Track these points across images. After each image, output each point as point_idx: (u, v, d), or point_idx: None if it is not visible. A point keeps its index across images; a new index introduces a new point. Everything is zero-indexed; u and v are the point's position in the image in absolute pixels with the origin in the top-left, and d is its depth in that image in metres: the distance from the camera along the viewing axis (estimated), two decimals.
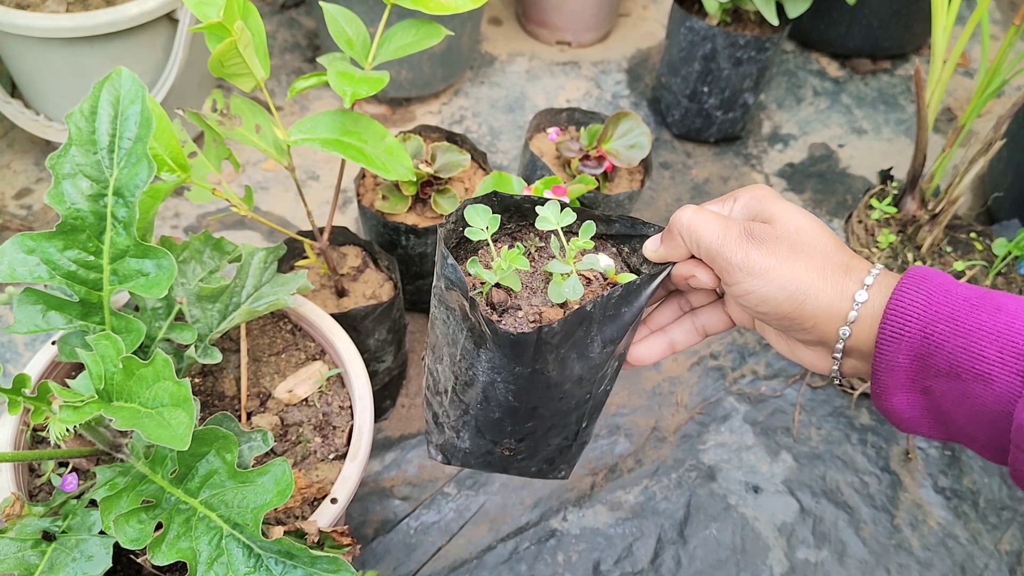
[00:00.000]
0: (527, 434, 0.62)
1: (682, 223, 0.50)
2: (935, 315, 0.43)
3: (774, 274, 0.46)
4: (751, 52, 1.27)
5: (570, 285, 0.55)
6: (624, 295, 0.52)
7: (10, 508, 0.58)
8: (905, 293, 0.44)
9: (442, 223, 0.56)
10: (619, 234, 0.59)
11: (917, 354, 0.43)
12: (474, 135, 1.41)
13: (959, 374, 0.42)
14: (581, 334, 0.53)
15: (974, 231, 1.03)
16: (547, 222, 0.56)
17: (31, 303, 0.59)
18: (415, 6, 0.75)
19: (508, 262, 0.54)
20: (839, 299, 0.46)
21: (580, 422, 0.63)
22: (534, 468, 0.67)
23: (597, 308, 0.52)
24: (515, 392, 0.57)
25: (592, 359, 0.56)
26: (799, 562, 0.95)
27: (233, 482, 0.55)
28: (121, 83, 0.57)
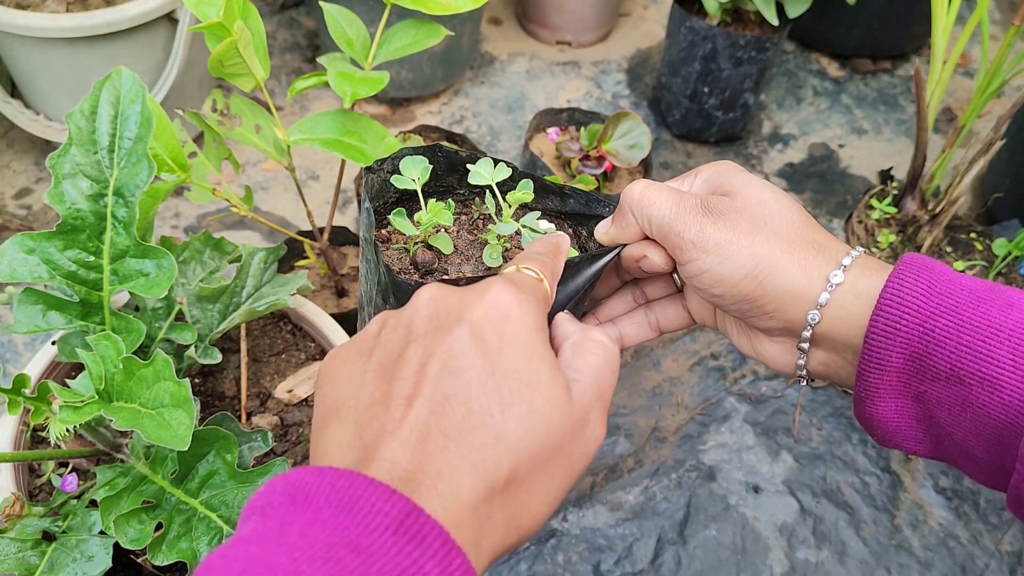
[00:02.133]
0: None
1: (633, 198, 0.44)
2: (936, 308, 0.37)
3: (731, 249, 0.40)
4: (751, 52, 1.27)
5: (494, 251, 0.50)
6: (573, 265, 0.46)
7: (10, 508, 0.58)
8: (903, 281, 0.38)
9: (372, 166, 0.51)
10: (575, 213, 0.54)
11: (914, 353, 0.37)
12: (474, 135, 1.41)
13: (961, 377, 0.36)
14: None
15: (974, 231, 1.03)
16: (479, 176, 0.51)
17: (31, 303, 0.59)
18: (415, 6, 0.75)
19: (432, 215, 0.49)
20: (807, 279, 0.40)
21: None
22: None
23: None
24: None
25: None
26: (799, 562, 0.95)
27: (233, 482, 0.55)
28: (121, 83, 0.57)
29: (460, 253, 0.52)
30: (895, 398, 0.39)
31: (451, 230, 0.54)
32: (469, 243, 0.52)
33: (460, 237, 0.53)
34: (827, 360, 0.42)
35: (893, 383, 0.38)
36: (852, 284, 0.39)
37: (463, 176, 0.52)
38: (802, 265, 0.40)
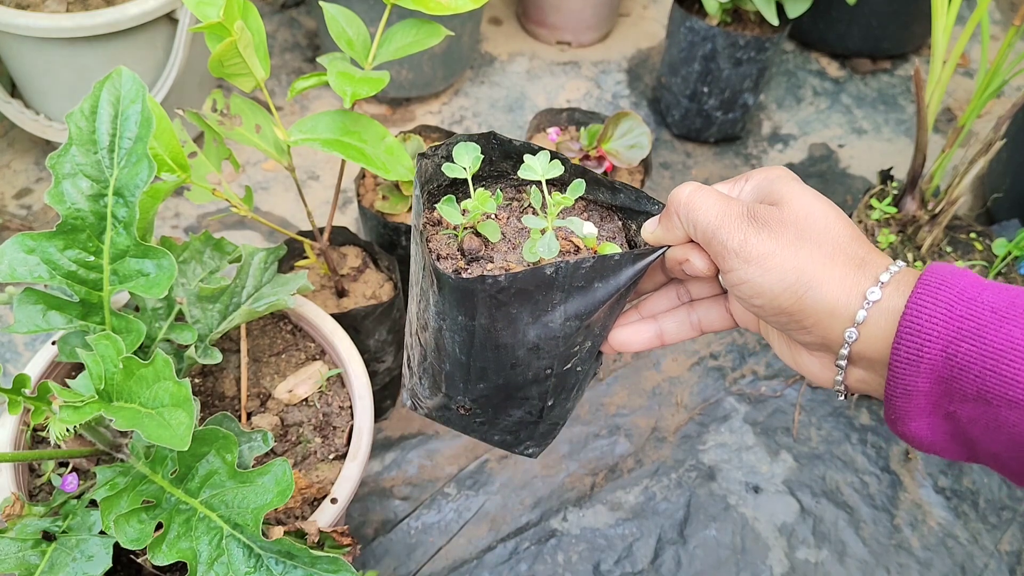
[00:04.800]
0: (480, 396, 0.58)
1: (679, 201, 0.44)
2: (958, 331, 0.36)
3: (773, 262, 0.40)
4: (751, 52, 1.27)
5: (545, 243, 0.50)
6: (598, 268, 0.47)
7: (10, 508, 0.58)
8: (922, 305, 0.37)
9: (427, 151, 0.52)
10: (625, 207, 0.54)
11: (939, 377, 0.37)
12: None
13: (988, 400, 0.36)
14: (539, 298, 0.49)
15: (974, 231, 1.03)
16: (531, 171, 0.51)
17: (31, 303, 0.59)
18: (415, 6, 0.75)
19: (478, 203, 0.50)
20: (847, 296, 0.39)
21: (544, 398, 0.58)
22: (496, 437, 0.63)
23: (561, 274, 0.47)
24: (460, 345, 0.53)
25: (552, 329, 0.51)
26: (799, 562, 0.95)
27: (233, 482, 0.55)
28: (121, 83, 0.57)
29: (508, 240, 0.52)
30: (926, 417, 0.38)
31: (500, 216, 0.54)
32: (518, 231, 0.52)
33: (509, 224, 0.53)
34: (865, 377, 0.42)
35: (923, 405, 0.38)
36: (888, 302, 0.39)
37: (517, 163, 0.52)
38: (842, 281, 0.39)
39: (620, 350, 0.51)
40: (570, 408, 0.62)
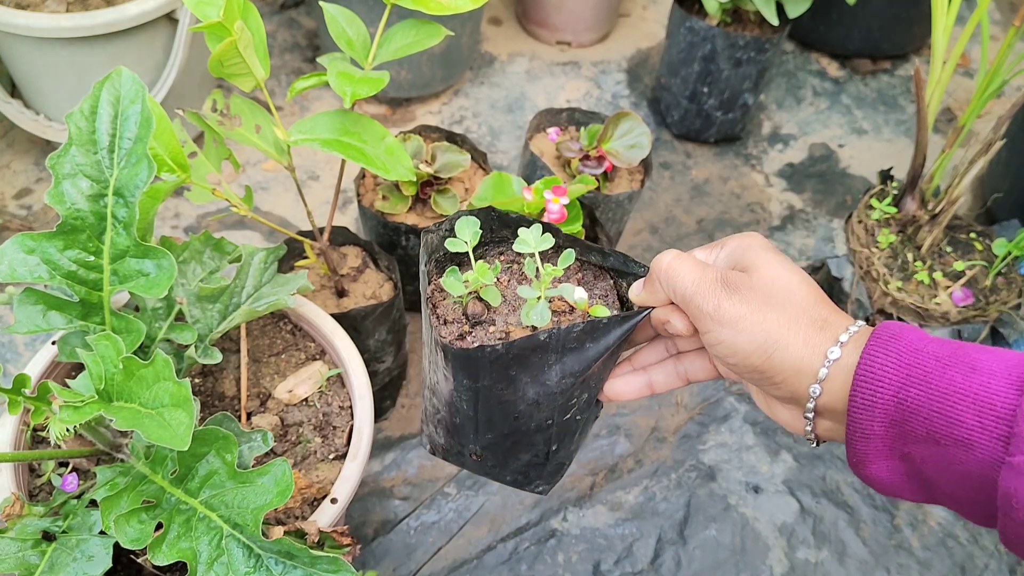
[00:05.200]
0: (489, 444, 0.64)
1: (661, 268, 0.49)
2: (907, 378, 0.40)
3: (744, 325, 0.44)
4: (751, 52, 1.27)
5: (537, 312, 0.55)
6: (588, 330, 0.52)
7: (10, 508, 0.58)
8: (874, 356, 0.41)
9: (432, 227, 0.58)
10: (615, 268, 0.59)
11: (892, 420, 0.41)
12: (474, 135, 1.41)
13: (937, 440, 0.40)
14: (535, 360, 0.54)
15: (974, 231, 1.03)
16: (525, 244, 0.56)
17: (31, 303, 0.59)
18: (415, 6, 0.75)
19: (478, 276, 0.56)
20: (810, 354, 0.44)
21: (548, 444, 0.63)
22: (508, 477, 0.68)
23: (554, 339, 0.53)
24: (467, 401, 0.59)
25: (549, 386, 0.56)
26: (799, 562, 0.95)
27: (233, 482, 0.55)
28: (121, 83, 0.57)
29: (508, 303, 0.58)
30: (885, 459, 0.42)
31: (502, 281, 0.60)
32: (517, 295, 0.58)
33: (510, 286, 0.59)
34: (831, 427, 0.45)
35: (879, 448, 0.42)
36: (846, 359, 0.43)
37: (516, 230, 0.58)
38: (806, 342, 0.44)
39: (613, 400, 0.56)
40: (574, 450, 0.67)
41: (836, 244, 1.30)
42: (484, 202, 0.90)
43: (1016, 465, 0.37)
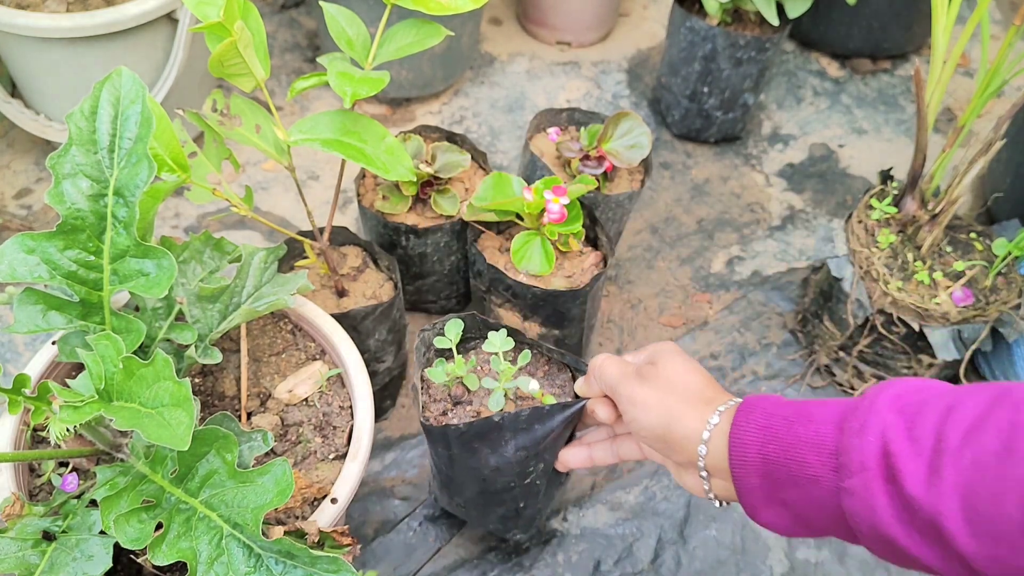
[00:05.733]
0: (467, 500, 0.81)
1: (595, 366, 0.64)
2: (765, 438, 0.51)
3: (651, 404, 0.58)
4: (751, 52, 1.27)
5: (495, 399, 0.72)
6: (535, 415, 0.67)
7: (10, 508, 0.58)
8: (740, 425, 0.52)
9: (427, 327, 0.76)
10: (569, 365, 0.76)
11: (763, 473, 0.51)
12: (474, 135, 1.41)
13: (797, 482, 0.49)
14: (493, 436, 0.69)
15: (974, 231, 1.03)
16: (492, 345, 0.73)
17: (31, 303, 0.59)
18: (415, 6, 0.75)
19: (456, 368, 0.73)
20: (698, 424, 0.55)
21: (516, 502, 0.79)
22: (491, 526, 0.86)
23: (507, 420, 0.67)
24: (445, 465, 0.76)
25: (507, 457, 0.71)
26: (799, 562, 0.95)
27: (233, 482, 0.55)
28: (121, 83, 0.57)
29: (484, 389, 0.74)
30: (768, 507, 0.52)
31: (483, 369, 0.76)
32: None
33: (488, 373, 0.76)
34: (725, 486, 0.56)
35: (761, 498, 0.52)
36: (723, 425, 0.54)
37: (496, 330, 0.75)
38: (696, 415, 0.56)
39: (562, 468, 0.73)
40: (541, 508, 0.84)
41: (836, 244, 1.30)
42: (484, 202, 0.90)
43: (848, 488, 0.47)
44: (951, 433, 0.44)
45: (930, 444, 0.44)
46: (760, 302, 1.21)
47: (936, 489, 0.43)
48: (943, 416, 0.45)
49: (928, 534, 0.44)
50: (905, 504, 0.44)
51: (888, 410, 0.47)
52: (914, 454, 0.44)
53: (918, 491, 0.43)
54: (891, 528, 0.45)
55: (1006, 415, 0.43)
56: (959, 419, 0.44)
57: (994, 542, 0.42)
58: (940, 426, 0.44)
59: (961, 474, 0.42)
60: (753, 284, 1.24)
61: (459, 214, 0.97)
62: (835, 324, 1.07)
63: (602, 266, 0.94)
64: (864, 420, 0.47)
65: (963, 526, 0.42)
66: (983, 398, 0.44)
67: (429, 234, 0.96)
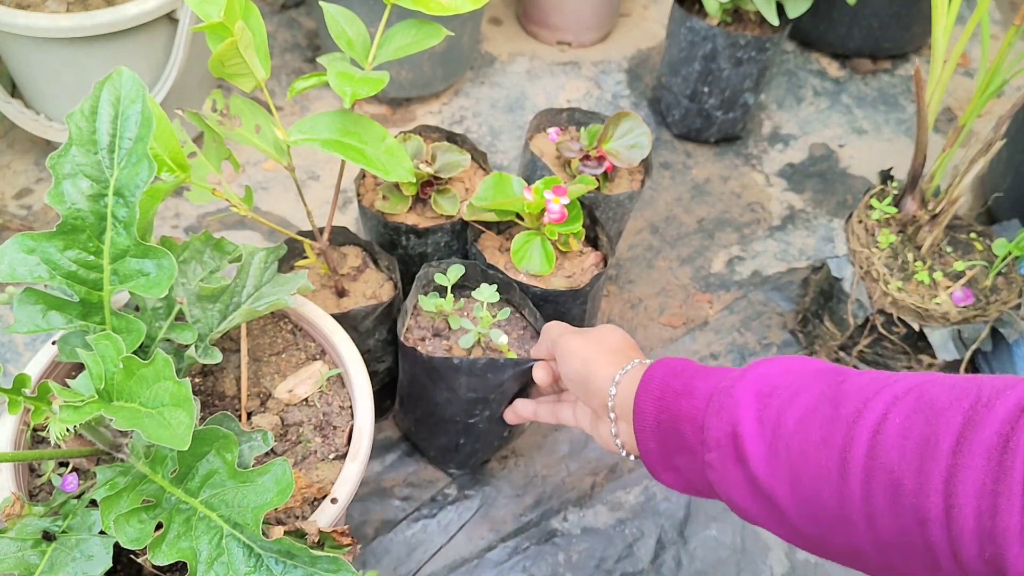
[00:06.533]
0: (417, 420, 0.93)
1: (545, 328, 0.77)
2: (660, 407, 0.55)
3: (577, 352, 0.67)
4: (751, 52, 1.27)
5: (467, 339, 0.83)
6: (489, 365, 0.79)
7: (10, 508, 0.58)
8: (641, 394, 0.57)
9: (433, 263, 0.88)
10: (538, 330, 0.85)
11: (658, 439, 0.56)
12: (474, 135, 1.41)
13: (681, 450, 0.54)
14: (450, 374, 0.80)
15: (974, 231, 1.03)
16: (480, 294, 0.84)
17: (31, 303, 0.59)
18: (415, 6, 0.75)
19: (443, 304, 0.84)
20: (610, 371, 0.63)
21: (458, 436, 0.90)
22: (431, 453, 0.97)
23: (464, 364, 0.79)
24: (407, 381, 0.89)
25: (458, 393, 0.82)
26: (799, 562, 0.95)
27: (233, 482, 0.55)
28: (121, 83, 0.57)
29: (463, 328, 0.86)
30: (665, 471, 0.57)
31: (467, 313, 0.89)
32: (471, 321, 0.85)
33: (470, 317, 0.87)
34: (629, 431, 0.60)
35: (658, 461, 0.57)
36: (634, 374, 0.60)
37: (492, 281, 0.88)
38: (611, 363, 0.64)
39: (509, 416, 0.84)
40: (479, 449, 0.94)
41: (836, 244, 1.30)
42: (484, 202, 0.90)
43: (708, 461, 0.52)
44: (788, 419, 0.47)
45: (771, 428, 0.48)
46: (760, 302, 1.21)
47: (774, 471, 0.47)
48: (788, 401, 0.48)
49: (770, 510, 0.48)
50: (751, 481, 0.49)
51: (747, 391, 0.50)
52: (758, 437, 0.48)
53: (760, 471, 0.48)
54: (742, 500, 0.50)
55: (829, 408, 0.46)
56: (797, 406, 0.47)
57: (817, 523, 0.46)
58: (782, 411, 0.48)
59: (791, 459, 0.46)
60: (753, 284, 1.24)
61: (459, 214, 0.97)
62: (835, 324, 1.07)
63: (602, 266, 0.94)
64: (723, 401, 0.51)
65: (794, 507, 0.46)
66: (820, 386, 0.48)
67: (429, 234, 0.96)
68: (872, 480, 0.42)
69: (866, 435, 0.43)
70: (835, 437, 0.44)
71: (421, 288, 0.89)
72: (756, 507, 0.49)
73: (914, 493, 0.41)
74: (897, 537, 0.42)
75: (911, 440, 0.42)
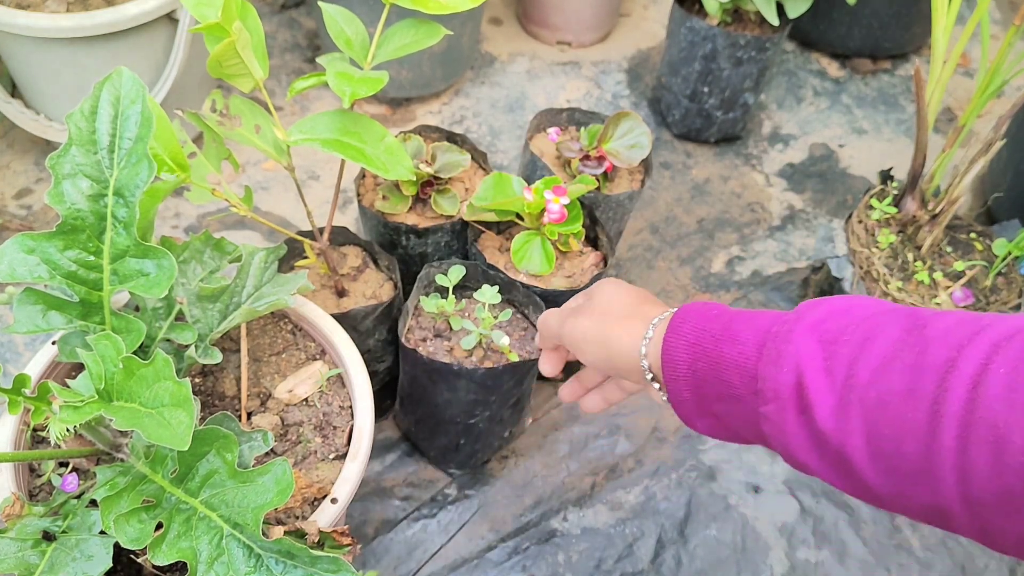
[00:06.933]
0: (419, 420, 0.93)
1: (540, 322, 0.67)
2: (695, 354, 0.51)
3: (589, 333, 0.58)
4: (751, 52, 1.27)
5: (468, 341, 0.83)
6: (488, 373, 0.80)
7: (10, 508, 0.58)
8: (671, 340, 0.52)
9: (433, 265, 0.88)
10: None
11: (693, 387, 0.51)
12: (474, 135, 1.41)
13: (724, 399, 0.50)
14: (450, 376, 0.81)
15: (974, 231, 1.03)
16: (482, 295, 0.83)
17: (31, 303, 0.59)
18: (414, 6, 0.75)
19: (445, 305, 0.84)
20: (635, 339, 0.55)
21: (457, 438, 0.90)
22: (432, 453, 0.97)
23: (463, 369, 0.80)
24: (407, 382, 0.89)
25: (458, 395, 0.83)
26: (799, 562, 0.95)
27: (233, 482, 0.55)
28: (121, 83, 0.57)
29: (464, 329, 0.86)
30: (699, 418, 0.53)
31: (468, 314, 0.88)
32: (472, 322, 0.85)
33: (471, 318, 0.88)
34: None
35: (693, 409, 0.53)
36: (657, 337, 0.54)
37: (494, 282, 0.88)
38: (630, 331, 0.56)
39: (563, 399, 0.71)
40: (479, 450, 0.94)
41: (836, 244, 1.30)
42: (484, 202, 0.90)
43: (764, 413, 0.47)
44: (862, 368, 0.43)
45: (842, 377, 0.44)
46: (760, 302, 1.21)
47: (844, 424, 0.43)
48: (858, 348, 0.44)
49: (838, 465, 0.45)
50: (816, 435, 0.45)
51: (807, 337, 0.46)
52: (827, 387, 0.44)
53: (827, 424, 0.44)
54: (803, 455, 0.46)
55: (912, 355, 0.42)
56: (872, 353, 0.44)
57: (895, 479, 0.42)
58: (853, 359, 0.44)
59: (867, 411, 0.43)
60: (753, 284, 1.24)
61: (459, 214, 0.97)
62: None
63: (602, 266, 0.94)
64: (781, 348, 0.47)
65: (868, 462, 0.43)
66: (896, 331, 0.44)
67: (429, 234, 0.96)
68: (971, 435, 0.39)
69: (964, 386, 0.40)
70: (923, 387, 0.41)
71: (422, 289, 0.89)
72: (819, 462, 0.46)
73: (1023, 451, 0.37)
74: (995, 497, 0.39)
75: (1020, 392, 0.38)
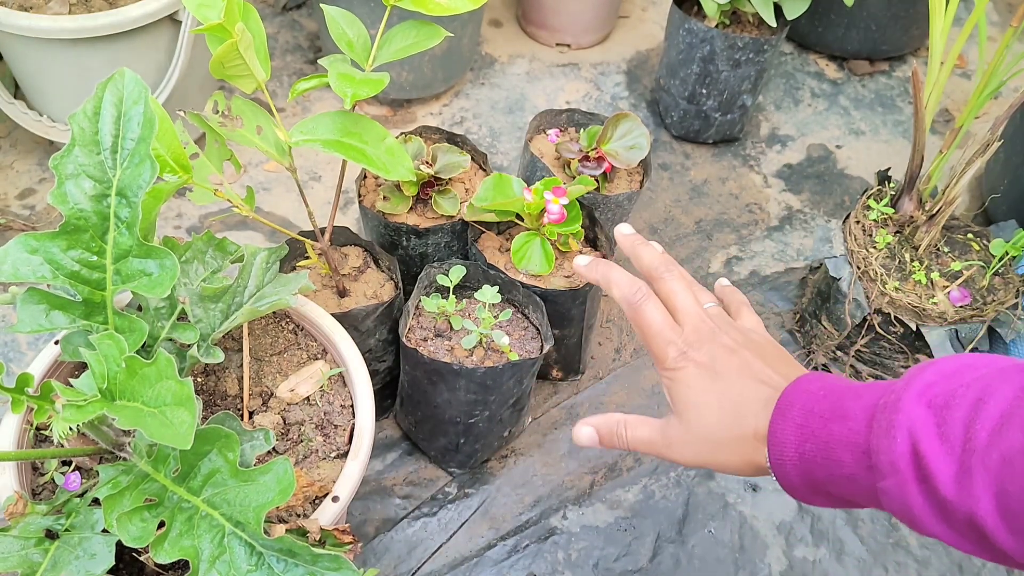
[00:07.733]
0: (419, 420, 0.93)
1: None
2: (802, 437, 0.49)
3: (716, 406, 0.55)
4: (749, 54, 1.27)
5: (468, 341, 0.83)
6: (488, 373, 0.80)
7: (13, 506, 0.58)
8: (777, 424, 0.51)
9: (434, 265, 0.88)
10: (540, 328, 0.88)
11: (802, 472, 0.50)
12: (475, 136, 1.41)
13: (835, 480, 0.49)
14: (450, 376, 0.82)
15: (971, 232, 1.04)
16: (483, 295, 0.85)
17: (34, 303, 0.60)
18: (415, 7, 0.75)
19: (446, 305, 0.85)
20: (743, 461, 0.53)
21: (458, 437, 0.91)
22: (432, 453, 0.97)
23: (463, 369, 0.80)
24: (408, 381, 0.90)
25: (458, 395, 0.84)
26: (797, 560, 0.95)
27: (235, 481, 0.55)
28: (124, 84, 0.58)
29: (465, 329, 0.86)
30: (814, 497, 0.51)
31: (469, 314, 0.89)
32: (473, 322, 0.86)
33: (472, 318, 0.88)
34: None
35: (806, 492, 0.51)
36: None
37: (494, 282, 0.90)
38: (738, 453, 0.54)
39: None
40: (479, 449, 0.94)
41: (834, 244, 1.31)
42: (484, 202, 0.90)
43: (883, 489, 0.46)
44: (980, 429, 0.42)
45: (960, 442, 0.42)
46: (758, 302, 1.22)
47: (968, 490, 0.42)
48: (972, 410, 0.43)
49: (968, 533, 0.43)
50: (940, 504, 0.43)
51: (916, 404, 0.45)
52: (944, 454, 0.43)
53: (950, 492, 0.42)
54: (931, 527, 0.45)
55: None
56: (988, 413, 0.42)
57: None
58: (969, 422, 0.42)
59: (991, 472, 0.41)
60: (751, 284, 1.24)
61: (460, 214, 0.97)
62: (833, 324, 1.07)
63: None
64: (891, 418, 0.45)
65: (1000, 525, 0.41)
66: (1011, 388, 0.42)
67: (430, 234, 0.97)
68: None
69: None
70: None
71: (423, 289, 0.89)
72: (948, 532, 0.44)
73: None
74: None
75: None
